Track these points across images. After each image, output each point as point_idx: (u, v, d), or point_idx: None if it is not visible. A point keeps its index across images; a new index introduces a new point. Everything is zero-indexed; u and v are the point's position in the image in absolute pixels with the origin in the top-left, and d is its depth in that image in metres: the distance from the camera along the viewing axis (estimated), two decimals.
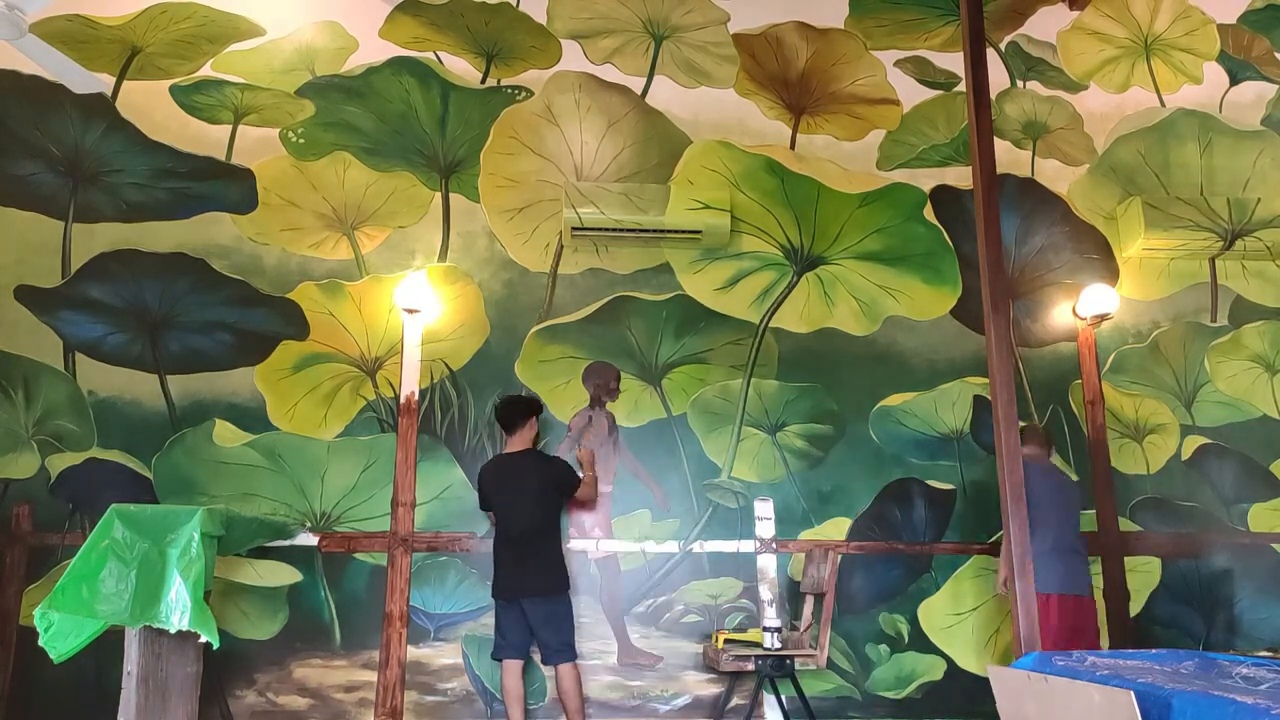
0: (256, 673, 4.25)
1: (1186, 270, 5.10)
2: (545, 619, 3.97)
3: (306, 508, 4.43)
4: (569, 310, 4.79)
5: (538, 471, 4.11)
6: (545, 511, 4.07)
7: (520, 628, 4.01)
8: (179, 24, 4.97)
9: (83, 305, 4.58)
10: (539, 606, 3.97)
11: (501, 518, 4.10)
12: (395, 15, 5.09)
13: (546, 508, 4.08)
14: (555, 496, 4.12)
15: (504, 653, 4.01)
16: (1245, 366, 4.98)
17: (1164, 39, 5.48)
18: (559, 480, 4.14)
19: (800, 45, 5.26)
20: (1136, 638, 4.48)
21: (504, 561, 4.04)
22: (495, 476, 4.16)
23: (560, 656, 3.96)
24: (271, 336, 4.63)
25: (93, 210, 4.69)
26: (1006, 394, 3.54)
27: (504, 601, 4.03)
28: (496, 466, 4.20)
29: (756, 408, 4.75)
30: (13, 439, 4.41)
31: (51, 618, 3.25)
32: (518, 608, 4.00)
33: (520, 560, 4.00)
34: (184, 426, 4.48)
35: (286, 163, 4.84)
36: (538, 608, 3.97)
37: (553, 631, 3.97)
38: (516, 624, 4.01)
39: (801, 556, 4.49)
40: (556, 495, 4.13)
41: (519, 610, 4.00)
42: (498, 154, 4.94)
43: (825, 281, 4.93)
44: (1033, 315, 4.98)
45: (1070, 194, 5.17)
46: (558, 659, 3.96)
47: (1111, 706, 1.69)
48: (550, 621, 3.97)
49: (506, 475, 4.13)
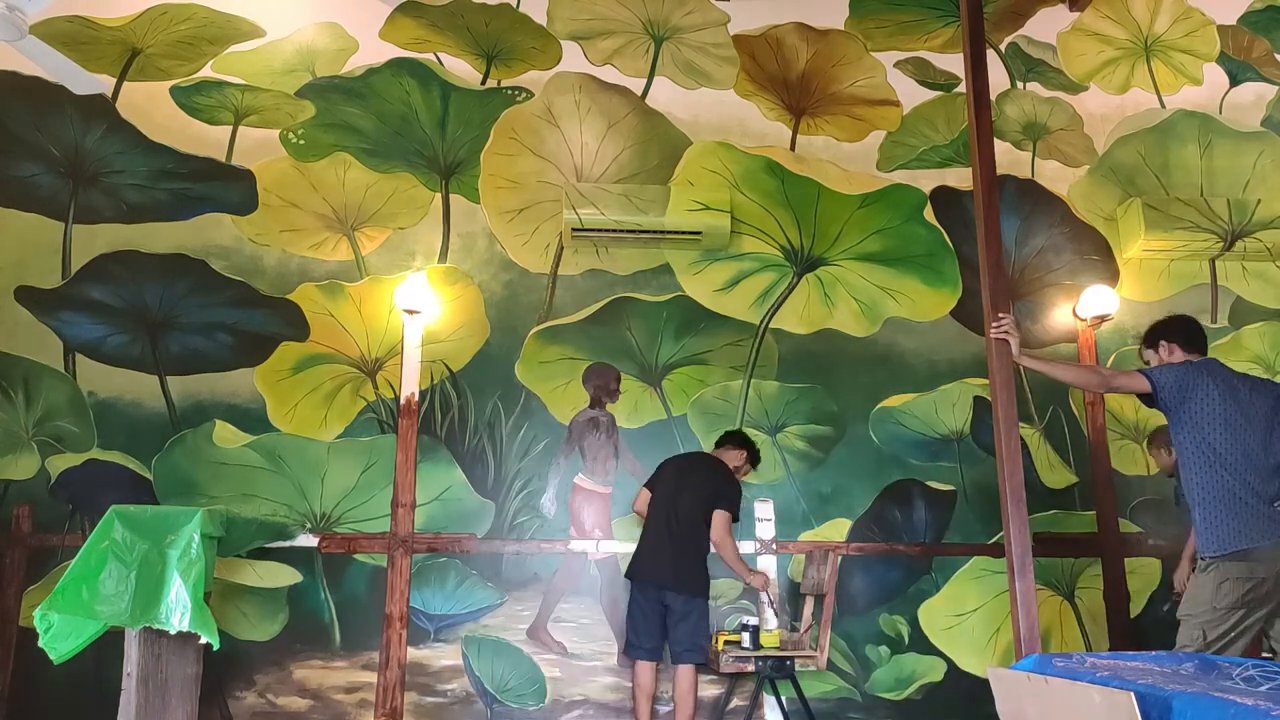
0: (256, 674, 4.25)
1: (1186, 271, 5.10)
2: (684, 615, 3.94)
3: (306, 509, 4.43)
4: (569, 311, 4.79)
5: (720, 479, 4.13)
6: (704, 514, 4.04)
7: (655, 630, 3.97)
8: (179, 25, 4.98)
9: (83, 306, 4.58)
10: (680, 602, 3.94)
11: (663, 502, 4.07)
12: (395, 16, 5.10)
13: (706, 511, 4.04)
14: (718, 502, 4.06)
15: (638, 654, 3.99)
16: (1245, 368, 4.96)
17: (1164, 40, 5.48)
18: (729, 491, 4.10)
19: (800, 46, 5.26)
20: (1137, 639, 4.48)
21: (650, 546, 4.02)
22: (681, 464, 4.21)
23: (688, 656, 3.95)
24: (271, 337, 4.63)
25: (93, 211, 4.70)
26: (1007, 395, 3.54)
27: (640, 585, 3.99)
28: (688, 457, 4.30)
29: (756, 409, 4.75)
30: (13, 440, 4.41)
31: (51, 619, 3.25)
32: (656, 604, 3.96)
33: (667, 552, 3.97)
34: (184, 428, 4.49)
35: (287, 164, 4.85)
36: (679, 602, 3.94)
37: (689, 629, 3.94)
38: (651, 626, 3.97)
39: (802, 558, 4.49)
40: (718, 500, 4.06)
41: (656, 608, 3.96)
42: (498, 155, 4.94)
43: (825, 283, 4.93)
44: (1033, 316, 4.98)
45: (1070, 195, 5.17)
46: (685, 658, 3.95)
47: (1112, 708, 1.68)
48: (688, 617, 3.95)
49: (692, 467, 4.18)
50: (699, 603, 3.99)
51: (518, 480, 4.56)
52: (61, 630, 3.25)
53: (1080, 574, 4.66)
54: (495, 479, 4.55)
